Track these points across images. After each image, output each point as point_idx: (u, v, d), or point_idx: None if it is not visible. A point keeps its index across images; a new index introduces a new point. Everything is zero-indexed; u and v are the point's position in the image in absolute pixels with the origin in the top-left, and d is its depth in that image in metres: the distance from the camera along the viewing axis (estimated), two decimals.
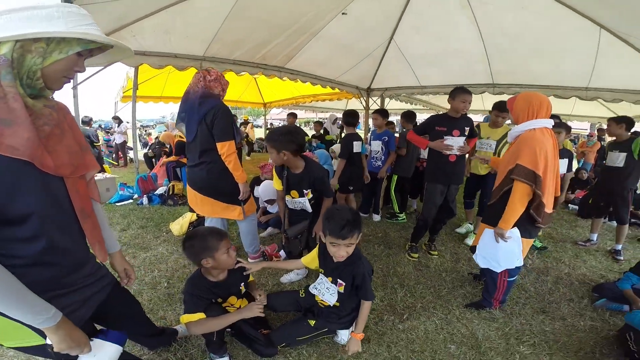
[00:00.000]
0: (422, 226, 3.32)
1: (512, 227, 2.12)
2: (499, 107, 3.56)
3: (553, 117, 3.91)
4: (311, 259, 2.12)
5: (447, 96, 5.71)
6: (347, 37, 4.86)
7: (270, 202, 3.88)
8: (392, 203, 4.52)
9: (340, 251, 1.77)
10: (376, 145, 4.28)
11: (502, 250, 2.18)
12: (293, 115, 8.63)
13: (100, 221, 1.36)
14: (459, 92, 3.05)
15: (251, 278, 2.16)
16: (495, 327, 2.26)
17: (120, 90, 7.08)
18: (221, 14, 3.82)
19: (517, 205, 2.08)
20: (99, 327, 1.37)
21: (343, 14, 4.22)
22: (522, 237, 2.17)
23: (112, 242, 1.46)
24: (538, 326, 2.28)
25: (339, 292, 1.93)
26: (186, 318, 1.71)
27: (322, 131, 8.75)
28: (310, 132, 9.61)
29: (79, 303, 1.18)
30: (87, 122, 7.52)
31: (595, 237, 3.87)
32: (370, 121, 6.89)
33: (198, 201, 2.71)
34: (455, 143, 3.06)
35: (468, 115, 3.26)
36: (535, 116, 2.13)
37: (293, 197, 2.51)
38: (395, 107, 9.48)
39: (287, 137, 2.22)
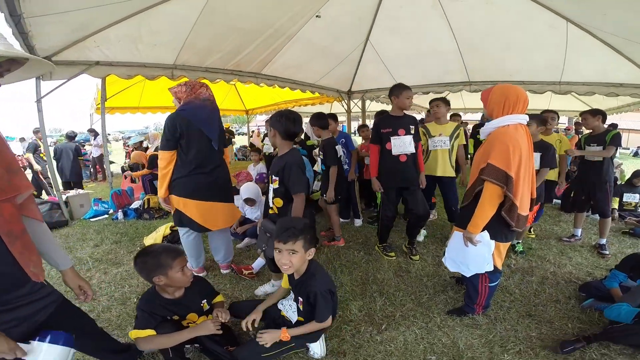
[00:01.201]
0: (382, 227, 3.28)
1: (482, 230, 2.00)
2: (434, 99, 3.59)
3: (548, 112, 3.84)
4: (286, 277, 2.02)
5: (427, 96, 5.79)
6: (323, 40, 4.80)
7: (249, 202, 3.74)
8: (378, 207, 4.41)
9: (283, 258, 1.70)
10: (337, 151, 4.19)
11: (471, 254, 2.07)
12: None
13: (42, 240, 1.34)
14: (403, 89, 2.93)
15: (220, 298, 2.03)
16: (479, 334, 2.14)
17: (93, 102, 6.89)
18: (189, 20, 3.71)
19: (486, 208, 1.96)
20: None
21: (317, 17, 4.15)
22: (496, 240, 2.06)
23: (62, 260, 1.43)
24: (524, 331, 2.17)
25: (299, 309, 1.83)
26: (134, 334, 1.65)
27: (302, 136, 8.58)
28: None
29: (17, 321, 1.19)
30: (72, 137, 7.28)
31: (579, 232, 3.81)
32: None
33: (217, 211, 2.71)
34: (402, 143, 2.97)
35: (411, 114, 3.21)
36: (511, 111, 1.97)
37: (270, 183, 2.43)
38: (378, 109, 9.45)
39: (278, 117, 2.20)
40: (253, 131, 14.30)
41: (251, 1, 3.57)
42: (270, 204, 2.31)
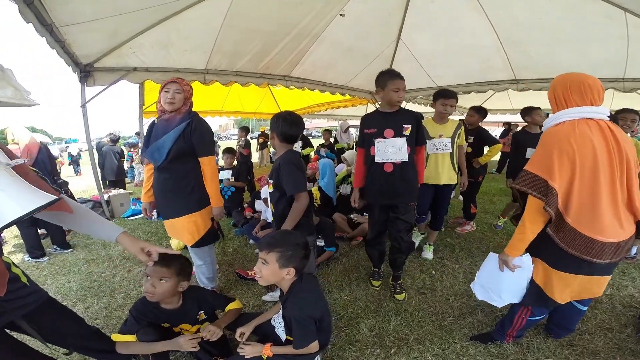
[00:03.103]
0: (367, 248, 2.82)
1: (526, 253, 1.69)
2: (444, 94, 2.98)
3: (627, 111, 3.25)
4: None
5: (466, 95, 5.37)
6: (351, 39, 4.64)
7: (266, 202, 3.65)
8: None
9: (256, 265, 1.61)
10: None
11: (506, 280, 1.75)
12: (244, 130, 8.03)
13: (82, 225, 1.42)
14: (390, 77, 2.29)
15: (233, 305, 1.90)
16: None
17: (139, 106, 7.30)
18: (214, 25, 3.75)
19: (525, 226, 1.61)
20: None
21: (341, 15, 4.01)
22: (563, 271, 1.62)
23: (107, 233, 1.44)
24: None
25: (287, 328, 1.68)
26: (115, 337, 1.66)
27: (331, 140, 8.34)
28: (320, 141, 9.30)
29: None
30: (116, 140, 7.86)
31: (634, 250, 3.21)
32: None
33: None
34: (387, 147, 2.37)
35: (409, 109, 2.53)
36: (565, 104, 1.61)
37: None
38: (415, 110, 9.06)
39: (276, 118, 2.09)
40: None
41: (268, 3, 3.52)
42: (272, 210, 2.23)
